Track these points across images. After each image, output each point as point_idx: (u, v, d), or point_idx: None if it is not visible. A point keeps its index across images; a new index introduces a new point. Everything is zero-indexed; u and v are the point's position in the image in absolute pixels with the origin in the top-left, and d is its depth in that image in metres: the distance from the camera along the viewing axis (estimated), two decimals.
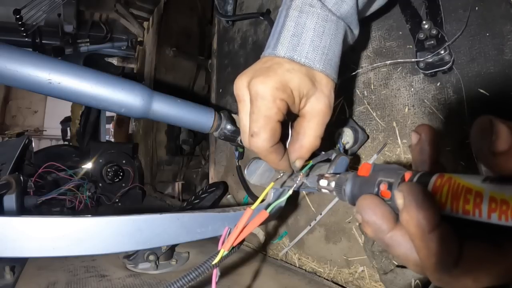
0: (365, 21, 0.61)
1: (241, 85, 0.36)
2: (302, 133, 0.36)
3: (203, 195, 0.90)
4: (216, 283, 0.32)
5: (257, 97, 0.34)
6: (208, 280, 0.34)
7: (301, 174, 0.40)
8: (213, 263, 0.32)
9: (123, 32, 2.52)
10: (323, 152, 0.45)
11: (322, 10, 0.36)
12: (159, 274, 0.71)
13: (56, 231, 0.37)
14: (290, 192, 0.38)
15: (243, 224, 0.33)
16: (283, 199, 0.42)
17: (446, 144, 0.49)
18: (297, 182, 0.39)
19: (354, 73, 0.62)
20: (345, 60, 0.64)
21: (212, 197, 0.90)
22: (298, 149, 0.37)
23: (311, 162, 0.41)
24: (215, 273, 0.33)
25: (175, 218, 0.43)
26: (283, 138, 0.37)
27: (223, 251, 0.33)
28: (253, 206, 0.33)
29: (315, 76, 0.36)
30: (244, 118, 0.37)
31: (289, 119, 0.39)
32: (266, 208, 0.34)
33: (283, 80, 0.34)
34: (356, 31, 0.43)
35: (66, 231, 0.37)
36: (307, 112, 0.36)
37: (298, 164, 0.38)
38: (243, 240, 0.34)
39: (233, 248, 0.34)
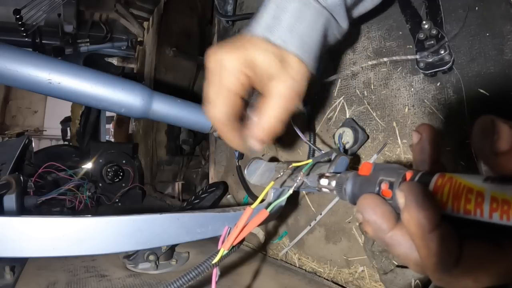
0: (365, 21, 0.61)
1: (212, 57, 0.36)
2: (262, 112, 0.36)
3: (203, 195, 0.90)
4: (216, 282, 0.32)
5: (221, 67, 0.34)
6: (208, 280, 0.34)
7: (302, 173, 0.40)
8: (213, 262, 0.32)
9: (123, 32, 2.51)
10: (323, 152, 0.45)
11: None
12: (159, 274, 0.71)
13: (56, 231, 0.37)
14: (290, 191, 0.38)
15: (243, 223, 0.32)
16: (283, 198, 0.42)
17: (446, 144, 0.49)
18: (297, 181, 0.39)
19: (354, 73, 0.62)
20: (346, 60, 0.64)
21: (212, 197, 0.90)
22: (256, 128, 0.36)
23: (311, 161, 0.41)
24: (215, 272, 0.32)
25: (175, 218, 0.43)
26: (245, 119, 0.37)
27: (223, 250, 0.33)
28: (253, 206, 0.33)
29: (286, 59, 0.35)
30: (208, 88, 0.37)
31: (254, 102, 0.38)
32: (266, 208, 0.34)
33: (251, 56, 0.34)
34: (344, 25, 0.42)
35: (66, 231, 0.37)
36: (269, 92, 0.35)
37: (253, 144, 0.37)
38: (243, 240, 0.34)
39: (233, 247, 0.34)
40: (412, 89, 0.54)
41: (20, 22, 1.82)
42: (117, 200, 1.51)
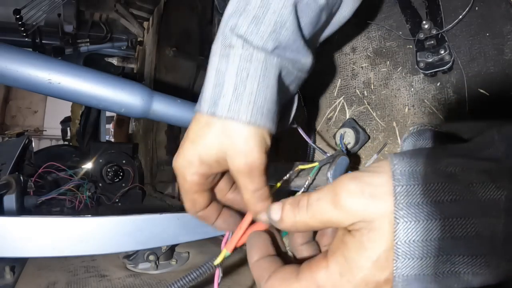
0: (365, 21, 0.61)
1: (174, 166, 0.35)
2: (240, 189, 0.33)
3: None
4: (218, 284, 0.32)
5: (176, 173, 0.33)
6: (209, 281, 0.34)
7: (309, 177, 0.40)
8: (215, 263, 0.32)
9: (123, 32, 2.51)
10: (328, 154, 0.45)
11: (244, 49, 0.31)
12: (159, 274, 0.71)
13: (56, 231, 0.37)
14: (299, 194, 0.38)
15: (247, 224, 0.32)
16: None
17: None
18: (305, 185, 0.39)
19: (354, 73, 0.62)
20: (346, 60, 0.64)
21: None
22: (246, 203, 0.33)
23: (317, 165, 0.41)
24: (217, 273, 0.32)
25: (175, 218, 0.43)
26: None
27: (225, 251, 0.33)
28: None
29: (232, 132, 0.31)
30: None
31: None
32: None
33: (195, 152, 0.32)
34: (306, 60, 0.36)
35: (66, 231, 0.38)
36: (231, 171, 0.32)
37: (261, 217, 0.32)
38: None
39: (236, 249, 0.34)
40: (412, 89, 0.54)
41: (20, 22, 1.82)
42: (117, 200, 1.51)
